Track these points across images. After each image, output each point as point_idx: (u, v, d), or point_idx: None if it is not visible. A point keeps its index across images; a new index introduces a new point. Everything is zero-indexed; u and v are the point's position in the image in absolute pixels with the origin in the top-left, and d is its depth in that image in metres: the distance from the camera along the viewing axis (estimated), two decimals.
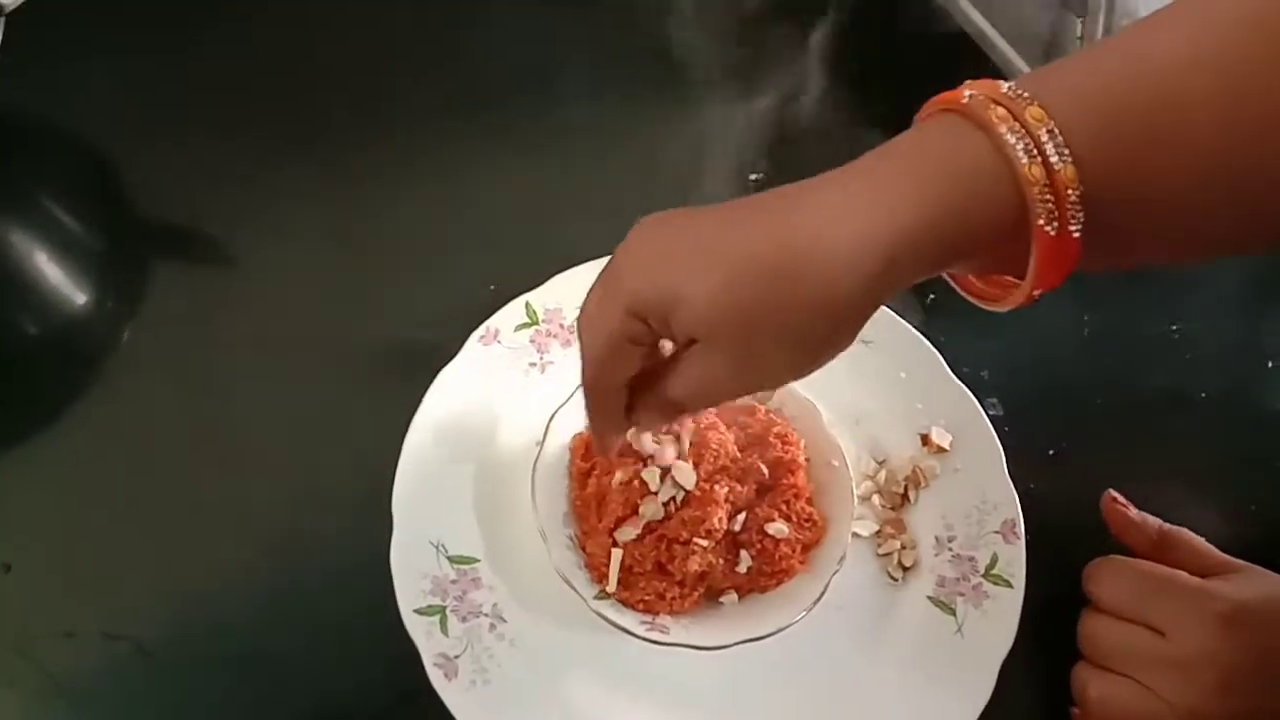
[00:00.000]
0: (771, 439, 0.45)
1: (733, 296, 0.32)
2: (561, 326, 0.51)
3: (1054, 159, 0.30)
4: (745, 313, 0.32)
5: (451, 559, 0.44)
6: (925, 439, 0.49)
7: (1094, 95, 0.31)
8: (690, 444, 0.43)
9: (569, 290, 0.51)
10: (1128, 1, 0.51)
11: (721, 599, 0.44)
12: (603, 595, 0.42)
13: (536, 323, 0.51)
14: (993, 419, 0.49)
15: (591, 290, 0.37)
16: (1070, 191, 0.30)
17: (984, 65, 0.59)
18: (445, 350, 0.49)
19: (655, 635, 0.41)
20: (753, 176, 0.58)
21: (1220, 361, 0.55)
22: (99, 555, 0.47)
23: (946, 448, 0.48)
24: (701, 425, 0.45)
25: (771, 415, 0.46)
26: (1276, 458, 0.52)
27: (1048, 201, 0.30)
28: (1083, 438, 0.52)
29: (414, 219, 0.57)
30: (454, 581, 0.44)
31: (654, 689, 0.43)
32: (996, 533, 0.46)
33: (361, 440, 0.49)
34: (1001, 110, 0.31)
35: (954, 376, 0.50)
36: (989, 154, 0.31)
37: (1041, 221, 0.30)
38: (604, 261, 0.51)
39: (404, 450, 0.46)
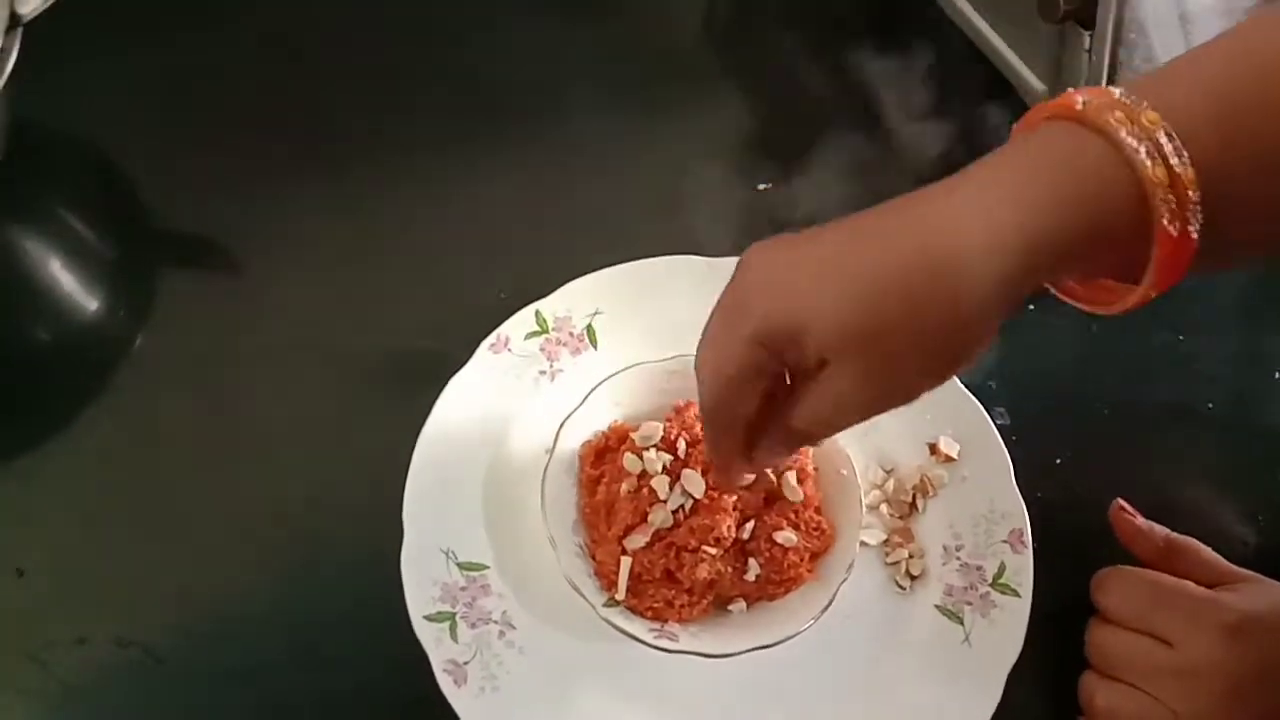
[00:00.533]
0: None
1: (865, 313, 0.32)
2: (571, 334, 0.51)
3: (1174, 160, 0.31)
4: (879, 329, 0.32)
5: (461, 566, 0.45)
6: (933, 448, 0.49)
7: (1205, 98, 0.32)
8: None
9: (579, 298, 0.52)
10: (1136, 12, 0.51)
11: (730, 607, 0.44)
12: (612, 603, 0.42)
13: (547, 331, 0.51)
14: (1000, 429, 0.49)
15: (711, 321, 0.36)
16: (1191, 192, 0.31)
17: (990, 74, 0.60)
18: (456, 358, 0.50)
19: (664, 643, 0.41)
20: (761, 185, 0.59)
21: (1226, 373, 0.55)
22: (111, 562, 0.48)
23: (954, 457, 0.48)
24: None
25: None
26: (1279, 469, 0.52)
27: (1170, 202, 0.31)
28: (1089, 448, 0.52)
29: (424, 228, 0.57)
30: (463, 588, 0.44)
31: (662, 697, 0.43)
32: (1004, 542, 0.46)
33: (372, 448, 0.49)
34: (1119, 114, 0.31)
35: (962, 386, 0.50)
36: (1111, 157, 0.31)
37: (1165, 222, 0.31)
38: (611, 269, 0.52)
39: (414, 458, 0.46)
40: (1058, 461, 0.51)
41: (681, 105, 0.63)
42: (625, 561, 0.42)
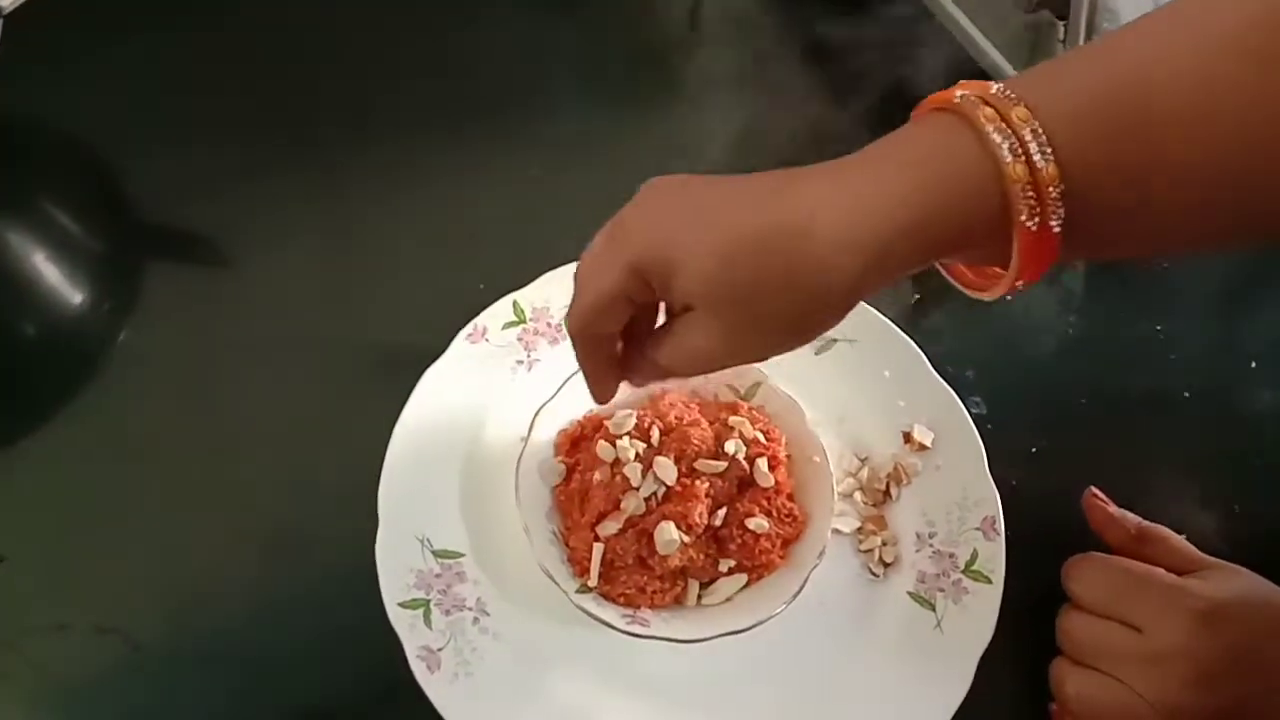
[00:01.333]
0: (754, 434, 0.46)
1: (731, 270, 0.34)
2: (549, 325, 0.51)
3: (1036, 157, 0.31)
4: (741, 287, 0.34)
5: (436, 553, 0.45)
6: (907, 436, 0.49)
7: (1078, 98, 0.32)
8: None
9: (557, 289, 0.52)
10: (1109, 3, 0.52)
11: (701, 593, 0.44)
12: (584, 589, 0.42)
13: (524, 321, 0.51)
14: (975, 417, 0.50)
15: (593, 246, 0.38)
16: (1051, 189, 0.32)
17: (968, 66, 0.60)
18: (435, 349, 0.50)
19: (636, 629, 0.42)
20: None
21: (1203, 361, 0.55)
22: (91, 550, 0.48)
23: (928, 445, 0.49)
24: (684, 421, 0.45)
25: (754, 411, 0.47)
26: (1257, 456, 0.52)
27: (1030, 198, 0.32)
28: (1065, 436, 0.52)
29: (404, 221, 0.58)
30: (438, 575, 0.44)
31: (635, 682, 0.43)
32: (977, 529, 0.47)
33: (351, 438, 0.49)
34: (989, 110, 0.32)
35: (937, 375, 0.50)
36: (977, 151, 0.32)
37: (1023, 217, 0.32)
38: None
39: (390, 447, 0.47)
40: (1034, 450, 0.51)
41: (663, 101, 0.63)
42: (598, 548, 0.42)
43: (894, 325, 0.51)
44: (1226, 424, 0.54)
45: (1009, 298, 0.35)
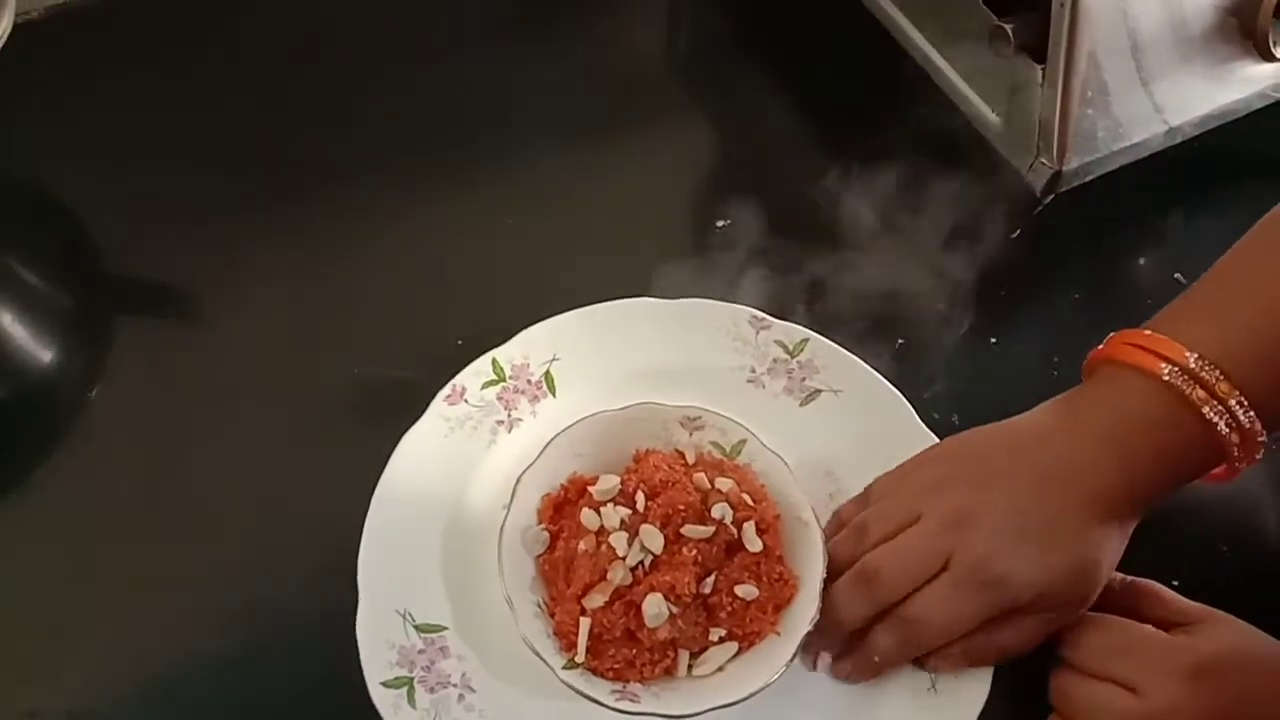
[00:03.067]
0: (742, 496, 0.45)
1: (1056, 583, 0.43)
2: (529, 382, 0.50)
3: (1244, 421, 0.42)
4: (1061, 591, 0.43)
5: (419, 628, 0.44)
6: None
7: (1260, 346, 0.42)
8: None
9: (536, 344, 0.51)
10: (1088, 43, 0.51)
11: (693, 663, 0.43)
12: (571, 664, 0.41)
13: (504, 379, 0.50)
14: None
15: (960, 593, 0.42)
16: (1258, 436, 0.42)
17: (947, 109, 0.59)
18: (411, 407, 0.49)
19: (625, 705, 0.40)
20: (720, 223, 0.58)
21: None
22: (60, 630, 0.47)
23: None
24: (669, 484, 0.44)
25: (740, 470, 0.46)
26: (1244, 497, 0.52)
27: (1239, 447, 0.42)
28: None
29: (379, 274, 0.57)
30: (421, 651, 0.43)
31: None
32: None
33: (328, 502, 0.48)
34: (1201, 392, 0.41)
35: (924, 425, 0.49)
36: (1199, 426, 0.42)
37: (1234, 457, 0.43)
38: (569, 314, 0.51)
39: (369, 517, 0.45)
40: None
41: (639, 141, 0.63)
42: (584, 623, 0.41)
43: (879, 375, 0.50)
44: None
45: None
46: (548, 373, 0.51)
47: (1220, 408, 0.41)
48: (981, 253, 0.57)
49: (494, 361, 0.50)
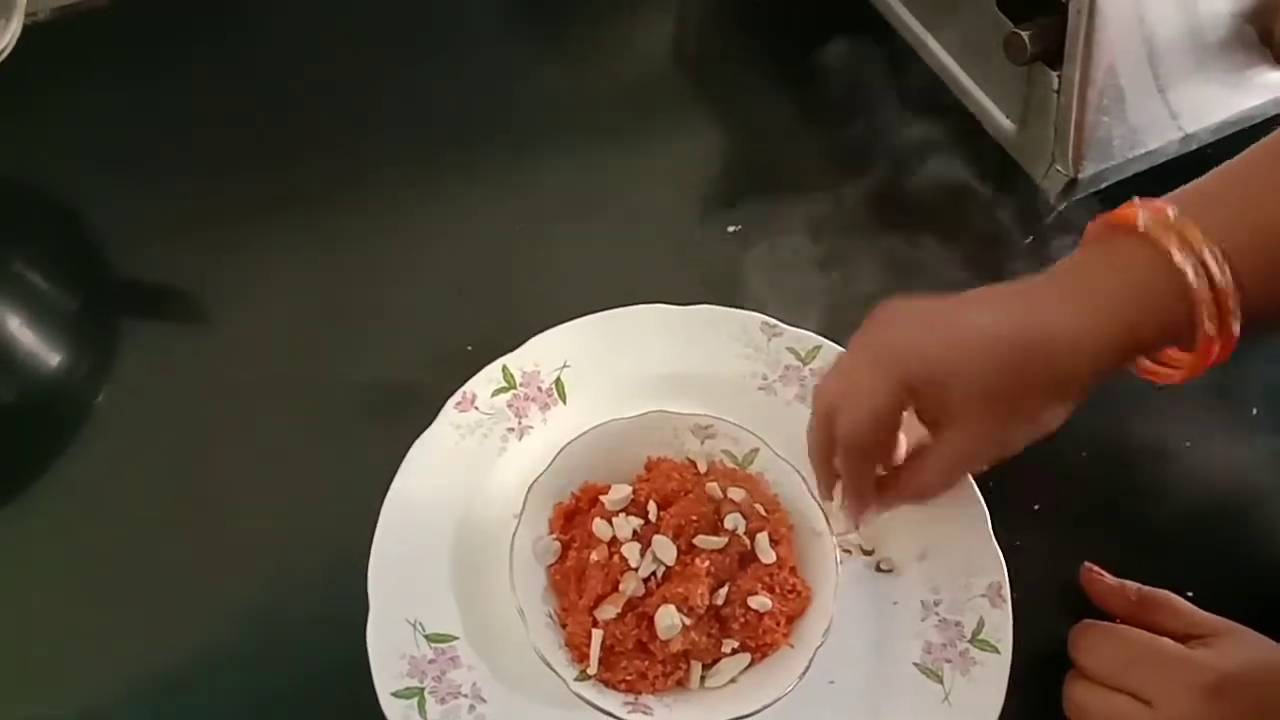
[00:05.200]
0: (754, 506, 0.44)
1: (995, 381, 0.40)
2: (540, 389, 0.50)
3: (1217, 274, 0.38)
4: (1005, 397, 0.40)
5: (429, 637, 0.44)
6: None
7: (1246, 227, 0.39)
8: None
9: (546, 351, 0.51)
10: (1103, 51, 0.51)
11: (705, 674, 0.43)
12: (583, 676, 0.41)
13: (514, 386, 0.50)
14: (977, 476, 0.49)
15: (851, 364, 0.42)
16: (1230, 301, 0.38)
17: (952, 102, 0.59)
18: (421, 413, 0.48)
19: (637, 717, 0.40)
20: (731, 228, 0.58)
21: (1203, 410, 0.54)
22: (72, 635, 0.46)
23: (931, 516, 0.47)
24: (681, 493, 0.44)
25: (752, 479, 0.46)
26: (1259, 507, 0.51)
27: (1212, 309, 0.38)
28: (1067, 491, 0.51)
29: (389, 278, 0.56)
30: (432, 661, 0.43)
31: None
32: (983, 596, 0.46)
33: (337, 508, 0.48)
34: (1173, 237, 0.38)
35: None
36: (1169, 273, 0.38)
37: (1207, 323, 0.38)
38: (579, 321, 0.51)
39: (379, 526, 0.45)
40: (1035, 508, 0.50)
41: (650, 146, 0.62)
42: (597, 635, 0.41)
43: None
44: (1229, 474, 0.53)
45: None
46: (558, 380, 0.50)
47: (1192, 255, 0.38)
48: (996, 259, 0.56)
49: (504, 368, 0.50)
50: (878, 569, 0.47)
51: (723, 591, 0.42)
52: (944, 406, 0.40)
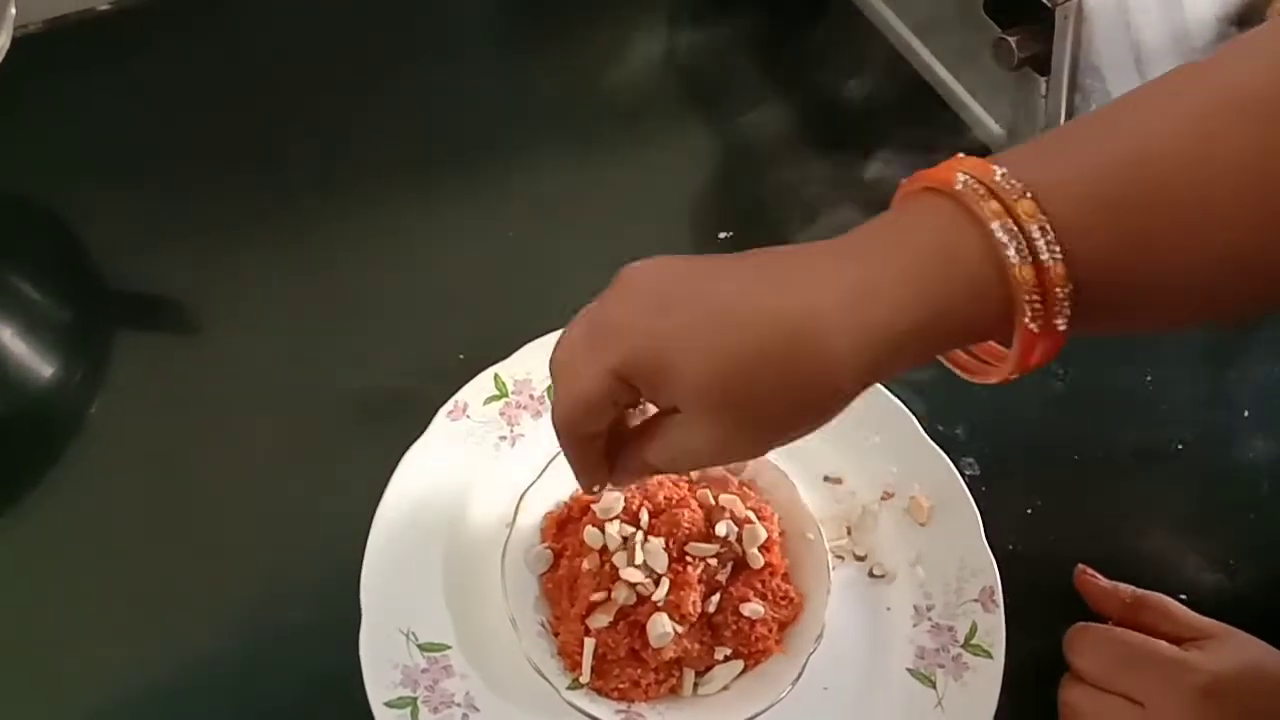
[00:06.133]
0: (746, 513, 0.44)
1: (728, 374, 0.32)
2: (532, 398, 0.50)
3: (1045, 257, 0.30)
4: (737, 392, 0.32)
5: (422, 647, 0.44)
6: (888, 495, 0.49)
7: (1088, 187, 0.31)
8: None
9: (538, 359, 0.50)
10: (1091, 56, 0.51)
11: (698, 682, 0.43)
12: (576, 685, 0.41)
13: (506, 395, 0.50)
14: (969, 479, 0.49)
15: (572, 338, 0.36)
16: (1059, 290, 0.30)
17: (951, 121, 0.59)
18: (413, 421, 0.49)
19: None
20: (722, 234, 0.58)
21: (1194, 412, 0.54)
22: (62, 645, 0.46)
23: (924, 522, 0.48)
24: (673, 501, 0.44)
25: (744, 487, 0.46)
26: (1251, 509, 0.52)
27: (1035, 301, 0.30)
28: (1060, 494, 0.51)
29: (380, 287, 0.56)
30: (425, 670, 0.43)
31: None
32: (975, 601, 0.46)
33: (330, 517, 0.48)
34: (995, 205, 0.30)
35: (927, 437, 0.49)
36: (982, 252, 0.30)
37: (1028, 319, 0.30)
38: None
39: (371, 535, 0.45)
40: (1028, 511, 0.50)
41: (641, 153, 0.62)
42: (589, 643, 0.41)
43: (881, 387, 0.50)
44: (1220, 476, 0.53)
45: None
46: (550, 388, 0.50)
47: (1015, 229, 0.30)
48: None
49: (496, 377, 0.50)
50: (870, 575, 0.47)
51: (715, 599, 0.42)
52: (667, 397, 0.33)
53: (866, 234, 0.33)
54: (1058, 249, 0.30)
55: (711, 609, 0.42)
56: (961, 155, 0.32)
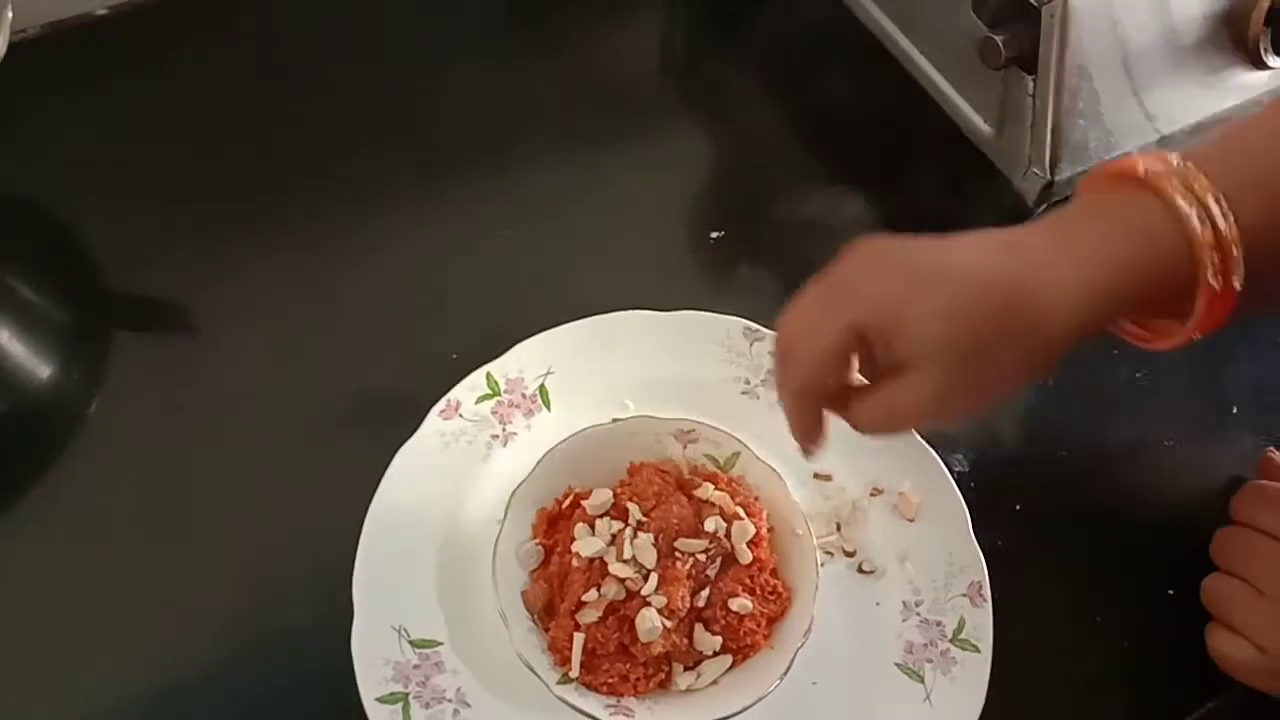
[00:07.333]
0: (735, 509, 0.45)
1: (960, 329, 0.36)
2: (523, 396, 0.51)
3: (1220, 223, 0.36)
4: (970, 343, 0.36)
5: (413, 643, 0.44)
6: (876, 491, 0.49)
7: (1252, 168, 0.37)
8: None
9: (530, 358, 0.51)
10: (1078, 55, 0.51)
11: (685, 675, 0.43)
12: (566, 680, 0.42)
13: (498, 393, 0.50)
14: (958, 475, 0.49)
15: (805, 304, 0.38)
16: (1235, 250, 0.36)
17: (939, 120, 0.60)
18: (406, 421, 0.49)
19: (620, 719, 0.41)
20: (714, 234, 0.58)
21: (1184, 409, 0.55)
22: (59, 644, 0.46)
23: (913, 518, 0.48)
24: (662, 497, 0.45)
25: (733, 482, 0.46)
26: None
27: (1215, 260, 0.36)
28: (1048, 492, 0.51)
29: (374, 288, 0.57)
30: (416, 666, 0.43)
31: None
32: (963, 595, 0.46)
33: (324, 516, 0.48)
34: (1175, 181, 0.36)
35: (917, 434, 0.49)
36: (1168, 220, 0.36)
37: (1210, 276, 0.36)
38: (563, 327, 0.52)
39: (364, 533, 0.45)
40: (1017, 508, 0.51)
41: (634, 154, 0.63)
42: (578, 638, 0.41)
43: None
44: (1210, 472, 0.53)
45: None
46: (542, 386, 0.51)
47: (1196, 202, 0.36)
48: None
49: (488, 375, 0.50)
50: (859, 570, 0.47)
51: (704, 594, 0.43)
52: (900, 350, 0.36)
53: (1068, 214, 0.38)
54: (1231, 216, 0.35)
55: (700, 604, 0.43)
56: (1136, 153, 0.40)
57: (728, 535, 0.44)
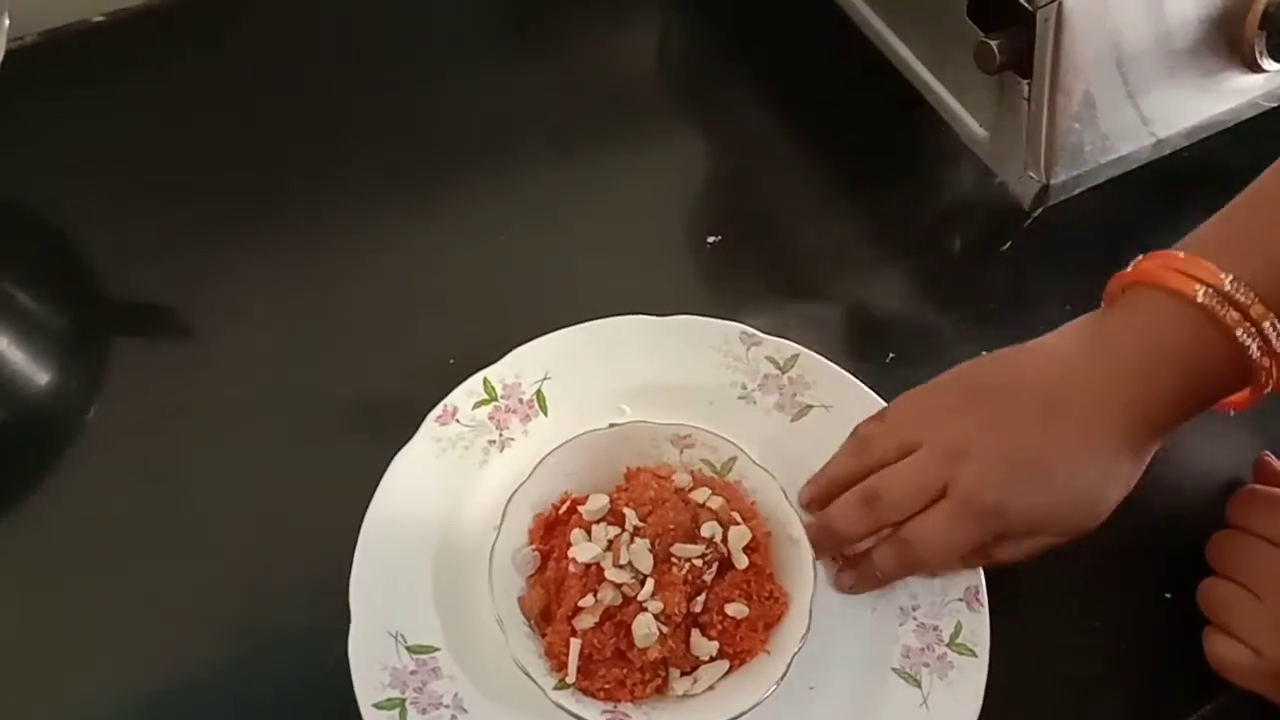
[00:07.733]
0: (731, 514, 0.45)
1: (1051, 514, 0.44)
2: (521, 401, 0.51)
3: (1277, 346, 0.41)
4: (1058, 522, 0.44)
5: (411, 649, 0.44)
6: None
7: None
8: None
9: (527, 363, 0.51)
10: (1073, 58, 0.51)
11: (681, 681, 0.43)
12: (562, 685, 0.42)
13: (495, 399, 0.50)
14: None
15: (945, 517, 0.43)
16: None
17: (934, 123, 0.60)
18: (403, 426, 0.49)
19: None
20: (710, 239, 0.58)
21: None
22: (57, 650, 0.47)
23: None
24: (659, 502, 0.45)
25: (730, 487, 0.46)
26: None
27: (1273, 374, 0.42)
28: None
29: (370, 293, 0.57)
30: (413, 672, 0.43)
31: None
32: (960, 600, 0.46)
33: (321, 522, 0.48)
34: (1235, 314, 0.40)
35: None
36: (1229, 349, 0.41)
37: (1264, 379, 0.42)
38: (560, 333, 0.52)
39: (360, 539, 0.46)
40: None
41: (631, 158, 0.63)
42: (575, 644, 0.41)
43: (870, 390, 0.50)
44: (1206, 476, 0.53)
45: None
46: (539, 391, 0.51)
47: (1253, 329, 0.40)
48: (970, 266, 0.57)
49: (485, 381, 0.50)
50: None
51: (700, 599, 0.43)
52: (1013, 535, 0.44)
53: (1110, 342, 0.43)
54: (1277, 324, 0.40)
55: (697, 609, 0.43)
56: (1182, 255, 0.42)
57: (724, 540, 0.44)
